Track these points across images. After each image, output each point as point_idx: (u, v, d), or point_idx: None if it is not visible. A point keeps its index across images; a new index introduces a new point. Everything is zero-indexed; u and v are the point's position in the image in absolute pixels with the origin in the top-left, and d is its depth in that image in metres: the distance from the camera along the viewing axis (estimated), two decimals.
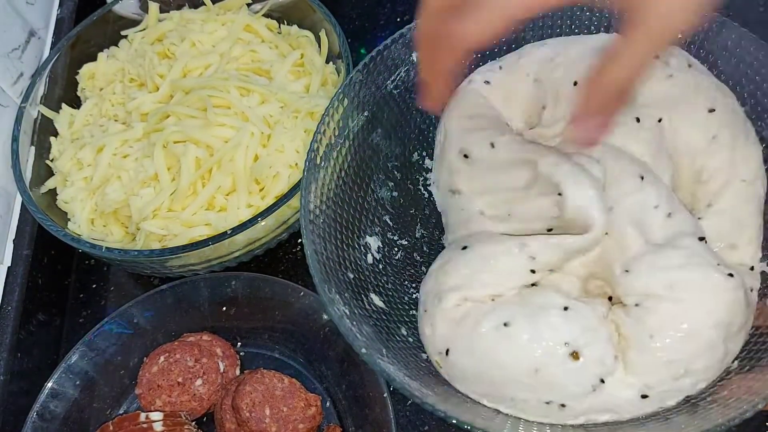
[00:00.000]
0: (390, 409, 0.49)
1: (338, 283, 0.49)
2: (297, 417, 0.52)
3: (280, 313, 0.57)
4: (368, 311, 0.50)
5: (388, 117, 0.57)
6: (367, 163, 0.57)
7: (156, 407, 0.55)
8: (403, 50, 0.56)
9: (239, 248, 0.58)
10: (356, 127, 0.55)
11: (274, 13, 0.72)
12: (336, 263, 0.50)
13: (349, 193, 0.55)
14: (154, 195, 0.59)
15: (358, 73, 0.54)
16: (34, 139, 0.65)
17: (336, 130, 0.53)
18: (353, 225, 0.54)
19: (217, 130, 0.60)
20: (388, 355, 0.46)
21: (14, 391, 0.57)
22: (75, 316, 0.65)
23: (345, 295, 0.49)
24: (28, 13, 0.73)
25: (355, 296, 0.50)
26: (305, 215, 0.49)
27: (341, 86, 0.54)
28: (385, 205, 0.58)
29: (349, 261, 0.52)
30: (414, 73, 0.57)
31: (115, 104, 0.67)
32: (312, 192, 0.50)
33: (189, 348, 0.56)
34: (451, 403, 0.45)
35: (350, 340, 0.44)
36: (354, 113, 0.55)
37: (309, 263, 0.47)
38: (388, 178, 0.58)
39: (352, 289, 0.50)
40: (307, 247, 0.48)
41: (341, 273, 0.50)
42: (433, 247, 0.57)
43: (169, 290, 0.57)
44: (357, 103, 0.55)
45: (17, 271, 0.62)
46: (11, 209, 0.66)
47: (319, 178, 0.51)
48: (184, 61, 0.65)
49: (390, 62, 0.56)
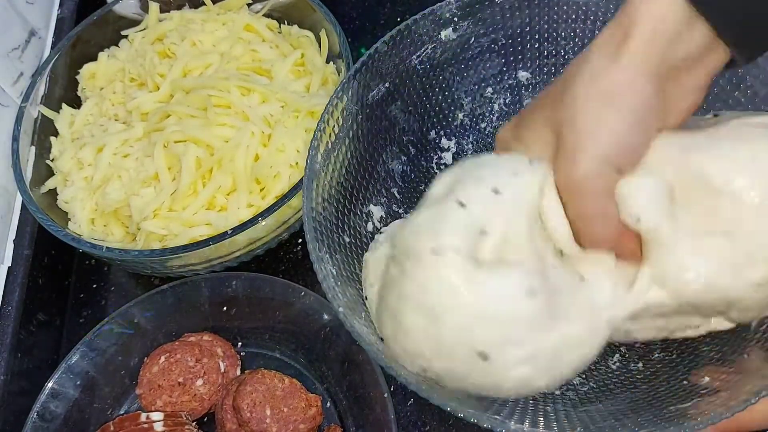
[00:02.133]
0: (391, 410, 0.49)
1: (331, 244, 0.49)
2: (298, 417, 0.52)
3: (280, 313, 0.57)
4: (357, 275, 0.50)
5: (410, 92, 0.57)
6: (382, 133, 0.56)
7: (157, 407, 0.55)
8: (432, 27, 0.55)
9: (240, 248, 0.58)
10: (375, 96, 0.55)
11: (275, 13, 0.72)
12: (333, 225, 0.50)
13: (359, 159, 0.54)
14: (155, 195, 0.59)
15: (383, 44, 0.53)
16: (35, 138, 0.65)
17: (354, 96, 0.53)
18: (358, 191, 0.54)
19: (218, 129, 0.60)
20: (366, 320, 0.46)
21: (14, 391, 0.57)
22: (75, 316, 0.65)
23: (336, 257, 0.48)
24: (28, 12, 0.73)
25: (347, 259, 0.50)
26: (309, 173, 0.48)
27: (365, 55, 0.53)
28: (395, 178, 0.57)
29: (348, 225, 0.52)
30: (441, 51, 0.57)
31: (115, 104, 0.67)
32: (320, 152, 0.50)
33: (190, 348, 0.56)
34: None
35: (330, 298, 0.44)
36: (374, 82, 0.54)
37: (305, 219, 0.47)
38: (402, 151, 0.58)
39: (346, 252, 0.50)
40: (305, 204, 0.47)
41: (337, 235, 0.50)
42: None
43: (170, 290, 0.57)
44: (378, 73, 0.54)
45: (18, 271, 0.61)
46: (12, 209, 0.66)
47: (330, 141, 0.51)
48: (185, 61, 0.66)
49: (417, 37, 0.55)
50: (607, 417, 0.45)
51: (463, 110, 0.61)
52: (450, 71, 0.58)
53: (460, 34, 0.57)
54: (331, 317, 0.54)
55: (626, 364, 0.50)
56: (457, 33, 0.57)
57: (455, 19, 0.56)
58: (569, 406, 0.47)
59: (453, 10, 0.55)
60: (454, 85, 0.60)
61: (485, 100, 0.61)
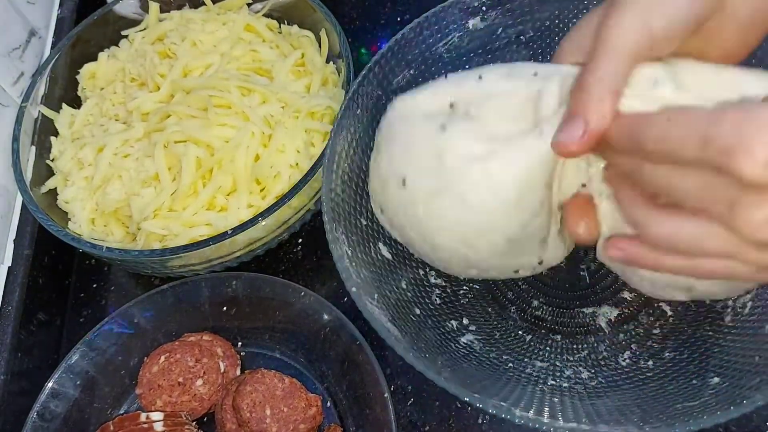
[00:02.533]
0: (391, 409, 0.49)
1: (348, 225, 0.49)
2: (298, 417, 0.52)
3: (280, 313, 0.57)
4: (373, 259, 0.50)
5: (435, 78, 0.57)
6: None
7: (156, 407, 0.55)
8: (459, 15, 0.55)
9: (240, 248, 0.58)
10: (400, 82, 0.54)
11: (275, 13, 0.72)
12: (351, 207, 0.50)
13: None
14: (155, 195, 0.59)
15: (410, 31, 0.53)
16: (35, 138, 0.65)
17: (377, 82, 0.53)
18: None
19: (218, 129, 0.60)
20: (379, 302, 0.46)
21: (14, 391, 0.57)
22: (75, 316, 0.65)
23: (352, 238, 0.49)
24: (28, 12, 0.73)
25: (363, 242, 0.50)
26: (330, 156, 0.49)
27: (392, 40, 0.53)
28: None
29: (365, 209, 0.52)
30: (468, 39, 0.56)
31: (115, 104, 0.67)
32: (343, 136, 0.50)
33: (189, 348, 0.56)
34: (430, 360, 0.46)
35: (344, 278, 0.44)
36: (399, 68, 0.54)
37: (323, 200, 0.47)
38: None
39: (361, 235, 0.50)
40: (324, 184, 0.48)
41: (354, 218, 0.50)
42: None
43: (170, 290, 0.57)
44: (404, 59, 0.54)
45: (18, 270, 0.61)
46: (12, 209, 0.66)
47: (351, 125, 0.51)
48: (185, 61, 0.66)
49: (444, 25, 0.55)
50: (614, 411, 0.45)
51: None
52: (476, 61, 0.57)
53: (487, 24, 0.56)
54: (331, 317, 0.54)
55: (636, 362, 0.51)
56: (484, 23, 0.56)
57: (483, 8, 0.55)
58: (576, 398, 0.48)
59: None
60: None
61: None
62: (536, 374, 0.51)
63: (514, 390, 0.47)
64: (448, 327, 0.52)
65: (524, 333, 0.54)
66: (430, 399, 0.56)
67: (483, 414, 0.54)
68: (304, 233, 0.66)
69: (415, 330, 0.48)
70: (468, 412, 0.55)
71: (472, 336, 0.53)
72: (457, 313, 0.54)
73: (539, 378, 0.50)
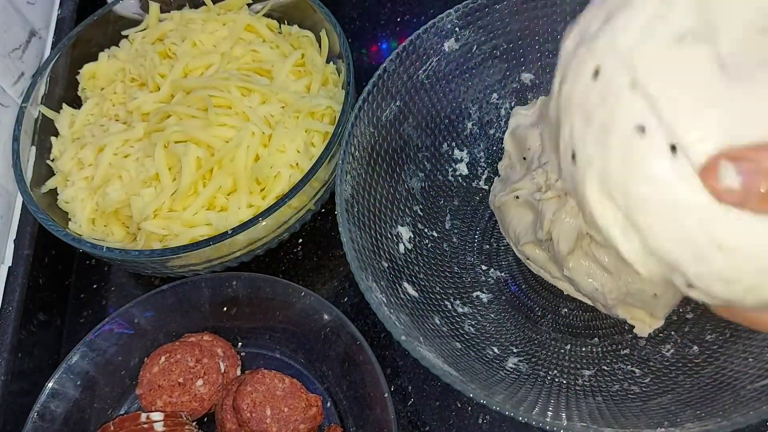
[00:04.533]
0: (391, 410, 0.49)
1: (374, 271, 0.49)
2: (298, 417, 0.52)
3: (281, 313, 0.57)
4: (403, 300, 0.51)
5: (419, 107, 0.58)
6: (398, 153, 0.58)
7: (157, 407, 0.55)
8: (435, 39, 0.56)
9: (240, 248, 0.58)
10: (388, 116, 0.56)
11: (275, 13, 0.72)
12: (371, 252, 0.51)
13: (381, 183, 0.56)
14: (155, 195, 0.59)
15: (391, 63, 0.55)
16: (35, 139, 0.65)
17: (368, 120, 0.54)
18: (385, 215, 0.55)
19: (218, 130, 0.60)
20: (425, 344, 0.46)
21: (15, 391, 0.57)
22: (76, 316, 0.65)
23: (381, 283, 0.49)
24: (28, 12, 0.73)
25: (390, 285, 0.50)
26: (341, 204, 0.49)
27: (375, 76, 0.54)
28: (416, 195, 0.58)
29: (383, 250, 0.53)
30: (445, 63, 0.57)
31: (116, 104, 0.67)
32: (347, 182, 0.51)
33: (190, 348, 0.56)
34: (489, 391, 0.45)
35: (389, 327, 0.44)
36: (386, 102, 0.55)
37: (346, 251, 0.47)
38: (419, 168, 0.59)
39: (387, 278, 0.51)
40: (343, 235, 0.48)
41: (376, 262, 0.51)
42: (462, 238, 0.58)
43: (170, 290, 0.57)
44: (389, 93, 0.55)
45: (18, 271, 0.61)
46: (12, 209, 0.66)
47: (353, 168, 0.52)
48: (185, 61, 0.66)
49: (422, 51, 0.56)
50: (684, 407, 0.44)
51: (472, 119, 0.61)
52: (456, 82, 0.59)
53: (462, 44, 0.57)
54: (332, 317, 0.54)
55: (682, 350, 0.50)
56: (459, 43, 0.57)
57: (457, 29, 0.56)
58: (638, 401, 0.47)
59: (454, 21, 0.56)
60: (460, 95, 0.60)
61: (492, 106, 0.62)
62: (587, 384, 0.50)
63: (577, 407, 0.47)
64: (490, 354, 0.52)
65: (561, 344, 0.54)
66: (430, 399, 0.56)
67: (483, 414, 0.54)
68: (304, 233, 0.66)
69: (464, 365, 0.48)
70: (468, 412, 0.55)
71: (516, 359, 0.53)
72: (492, 338, 0.54)
73: (592, 387, 0.50)
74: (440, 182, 0.60)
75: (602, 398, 0.48)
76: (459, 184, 0.60)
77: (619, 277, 0.48)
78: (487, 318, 0.55)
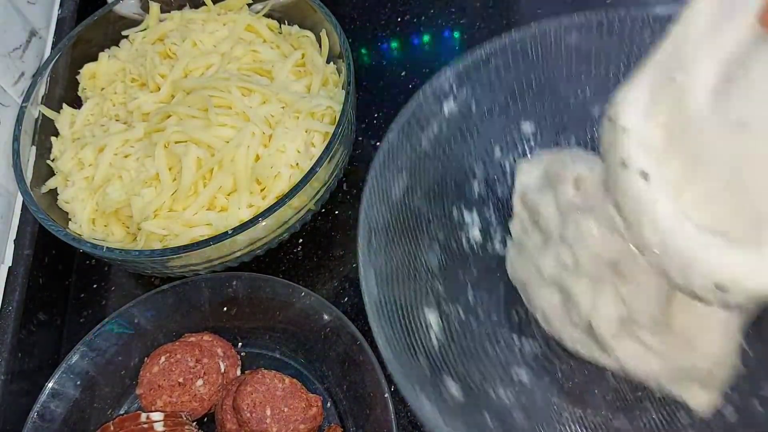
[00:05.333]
0: (391, 410, 0.49)
1: (410, 371, 0.45)
2: (298, 417, 0.52)
3: (281, 313, 0.57)
4: (449, 404, 0.46)
5: (425, 177, 0.55)
6: (411, 230, 0.54)
7: (157, 407, 0.55)
8: (434, 102, 0.54)
9: (240, 248, 0.58)
10: (398, 193, 0.53)
11: (275, 13, 0.72)
12: (404, 347, 0.47)
13: (401, 267, 0.51)
14: (155, 195, 0.59)
15: (395, 135, 0.52)
16: (35, 139, 0.65)
17: (377, 198, 0.50)
18: (410, 302, 0.51)
19: (219, 130, 0.60)
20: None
21: (15, 391, 0.57)
22: (76, 316, 0.65)
23: (427, 389, 0.45)
24: (29, 12, 0.73)
25: (432, 385, 0.47)
26: (371, 306, 0.45)
27: (381, 154, 0.51)
28: (434, 272, 0.55)
29: (416, 343, 0.48)
30: (446, 125, 0.55)
31: (116, 104, 0.67)
32: (372, 279, 0.46)
33: (190, 348, 0.56)
34: None
35: None
36: (393, 177, 0.52)
37: (382, 351, 0.42)
38: (433, 240, 0.56)
39: (429, 381, 0.47)
40: (376, 333, 0.43)
41: (414, 360, 0.47)
42: (486, 310, 0.55)
43: (170, 290, 0.57)
44: (396, 165, 0.52)
45: (18, 271, 0.62)
46: (12, 209, 0.66)
47: (376, 258, 0.48)
48: (186, 61, 0.66)
49: (422, 117, 0.54)
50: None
51: (477, 179, 0.59)
52: (458, 143, 0.57)
53: (460, 103, 0.56)
54: (332, 317, 0.54)
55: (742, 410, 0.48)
56: (457, 103, 0.55)
57: (454, 89, 0.55)
58: None
59: (450, 81, 0.54)
60: (464, 156, 0.58)
61: (495, 163, 0.60)
62: None
63: None
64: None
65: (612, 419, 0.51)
66: None
67: None
68: (305, 233, 0.66)
69: None
70: None
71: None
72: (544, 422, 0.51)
73: None
74: (456, 252, 0.57)
75: None
76: (475, 253, 0.57)
77: (671, 357, 0.47)
78: (532, 400, 0.52)
